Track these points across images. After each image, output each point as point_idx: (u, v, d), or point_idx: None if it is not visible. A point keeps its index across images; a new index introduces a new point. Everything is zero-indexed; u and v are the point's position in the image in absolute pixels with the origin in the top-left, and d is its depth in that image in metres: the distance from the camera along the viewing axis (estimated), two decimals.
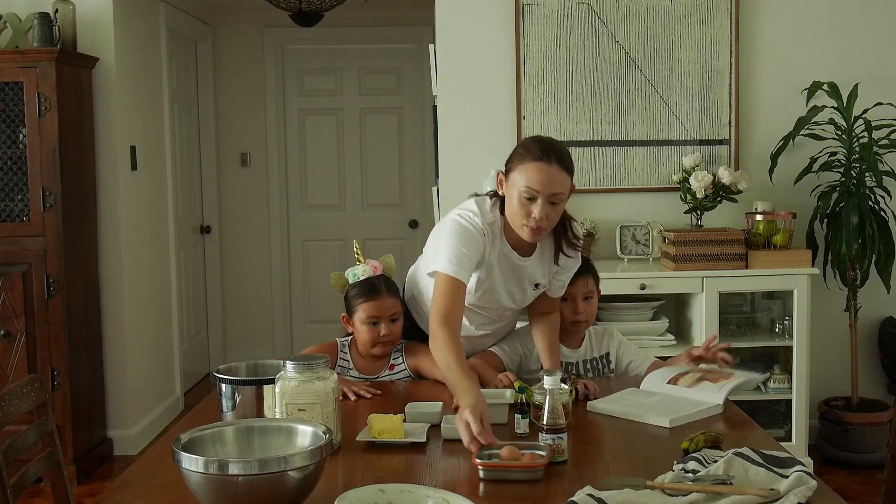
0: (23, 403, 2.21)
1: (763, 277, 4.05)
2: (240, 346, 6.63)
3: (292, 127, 6.64)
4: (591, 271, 2.85)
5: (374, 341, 2.67)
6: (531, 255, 2.61)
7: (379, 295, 2.67)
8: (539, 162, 2.40)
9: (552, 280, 2.70)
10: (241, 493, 1.64)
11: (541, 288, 2.69)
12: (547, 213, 2.42)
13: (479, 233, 2.51)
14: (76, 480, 4.22)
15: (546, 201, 2.41)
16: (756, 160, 4.40)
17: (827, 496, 1.82)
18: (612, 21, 4.37)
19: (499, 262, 2.58)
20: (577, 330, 2.81)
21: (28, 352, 4.19)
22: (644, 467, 1.98)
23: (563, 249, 2.62)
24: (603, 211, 4.42)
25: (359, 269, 2.73)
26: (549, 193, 2.41)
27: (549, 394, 2.06)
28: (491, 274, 2.59)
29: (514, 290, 2.66)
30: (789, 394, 4.10)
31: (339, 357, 2.73)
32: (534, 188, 2.40)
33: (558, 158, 2.42)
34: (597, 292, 2.85)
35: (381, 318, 2.67)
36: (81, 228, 4.41)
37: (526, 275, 2.63)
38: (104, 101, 4.60)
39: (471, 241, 2.50)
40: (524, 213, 2.43)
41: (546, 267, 2.66)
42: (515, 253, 2.58)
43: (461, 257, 2.47)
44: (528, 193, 2.40)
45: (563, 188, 2.44)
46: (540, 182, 2.40)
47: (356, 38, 6.53)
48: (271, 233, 6.64)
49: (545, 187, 2.40)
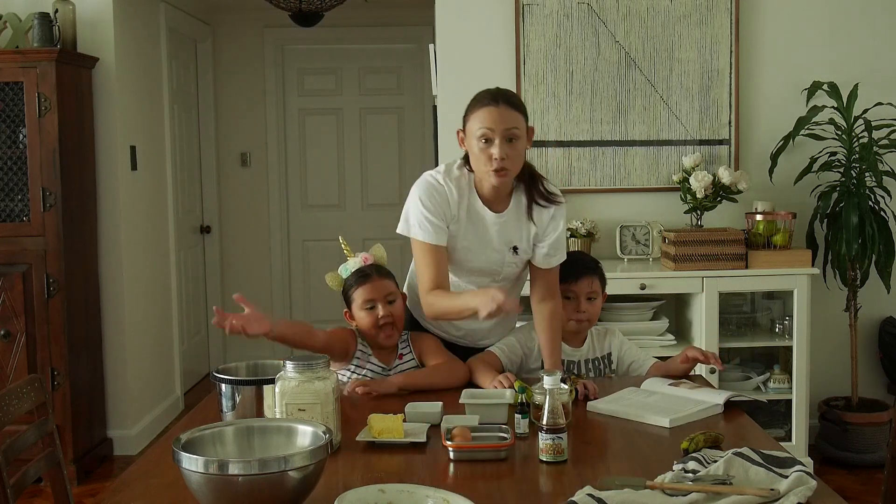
0: (23, 403, 2.21)
1: (763, 277, 4.05)
2: (240, 346, 6.62)
3: (292, 127, 6.64)
4: (597, 272, 2.85)
5: (374, 324, 2.67)
6: (504, 212, 2.65)
7: (370, 278, 2.70)
8: (489, 105, 2.53)
9: (535, 248, 2.70)
10: (241, 493, 1.64)
11: (520, 253, 2.69)
12: (506, 152, 2.51)
13: (444, 186, 2.62)
14: (76, 480, 4.22)
15: (503, 139, 2.51)
16: (756, 160, 4.40)
17: (827, 496, 1.82)
18: (612, 21, 4.37)
19: (470, 218, 2.64)
20: (578, 329, 2.81)
21: (28, 352, 4.19)
22: (644, 467, 1.98)
23: (536, 199, 2.66)
24: (603, 211, 4.42)
25: (350, 263, 2.76)
26: (503, 129, 2.51)
27: (549, 394, 2.06)
28: (466, 235, 2.64)
29: (490, 254, 2.68)
30: (789, 394, 4.10)
31: (358, 343, 2.73)
32: (488, 127, 2.51)
33: (506, 100, 2.54)
34: (602, 295, 2.85)
35: (376, 300, 2.67)
36: (81, 228, 4.41)
37: (501, 235, 2.66)
38: (104, 101, 4.60)
39: (435, 195, 2.61)
40: (486, 158, 2.53)
41: (522, 226, 2.67)
42: (487, 209, 2.64)
43: (430, 219, 2.60)
44: (484, 135, 2.51)
45: (517, 124, 2.53)
46: (492, 121, 2.51)
47: (356, 38, 6.53)
48: (271, 233, 6.64)
49: (498, 125, 2.50)
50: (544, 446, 2.02)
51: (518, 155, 2.55)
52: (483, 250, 2.67)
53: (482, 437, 2.11)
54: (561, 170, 4.42)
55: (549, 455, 2.02)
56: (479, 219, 2.65)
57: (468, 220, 2.64)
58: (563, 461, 2.02)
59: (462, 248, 2.66)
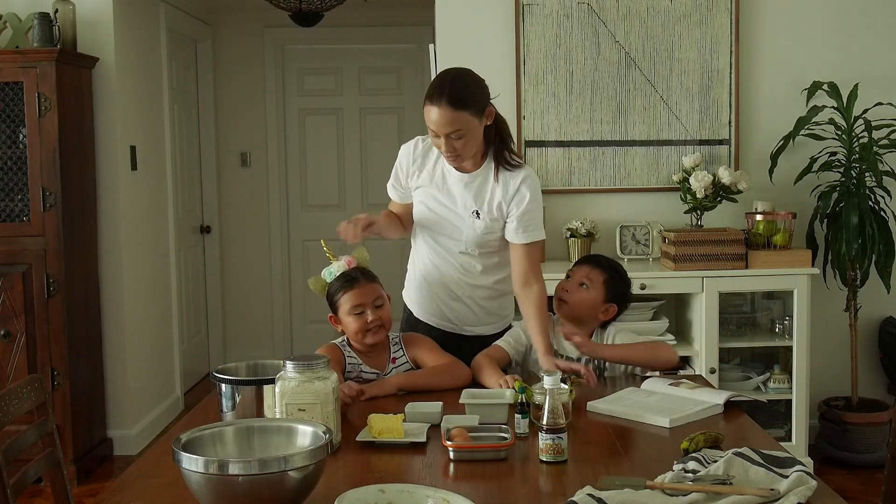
0: (23, 403, 2.21)
1: (763, 277, 4.05)
2: (240, 346, 6.63)
3: (292, 127, 6.64)
4: (604, 268, 2.83)
5: (362, 330, 2.65)
6: (473, 173, 2.74)
7: (358, 283, 2.67)
8: (430, 105, 2.56)
9: (506, 222, 2.74)
10: (241, 493, 1.64)
11: (482, 218, 2.73)
12: (452, 146, 2.59)
13: (406, 149, 2.82)
14: (76, 480, 4.22)
15: (447, 138, 2.57)
16: (756, 160, 4.40)
17: (827, 496, 1.82)
18: (612, 21, 4.37)
19: (432, 180, 2.77)
20: (558, 307, 2.82)
21: (28, 352, 4.19)
22: (644, 467, 1.98)
23: (501, 164, 2.72)
24: (603, 211, 4.42)
25: (334, 267, 2.72)
26: (445, 133, 2.56)
27: (549, 394, 2.06)
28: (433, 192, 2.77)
29: (451, 217, 2.76)
30: (789, 394, 4.10)
31: (346, 358, 2.72)
32: (431, 128, 2.58)
33: (450, 97, 2.54)
34: (601, 294, 2.79)
35: (364, 305, 2.65)
36: (81, 228, 4.41)
37: (464, 197, 2.74)
38: (104, 101, 4.60)
39: (398, 158, 2.84)
40: (435, 145, 2.66)
41: (488, 191, 2.72)
42: (455, 171, 2.74)
43: (393, 182, 2.87)
44: (432, 133, 2.60)
45: (460, 124, 2.55)
46: (434, 123, 2.56)
47: (356, 38, 6.53)
48: (271, 233, 6.64)
49: (439, 128, 2.56)
50: (544, 446, 2.02)
51: (467, 143, 2.61)
52: (448, 210, 2.77)
53: (482, 437, 2.12)
54: (561, 170, 4.42)
55: (549, 455, 2.02)
56: (444, 179, 2.76)
57: (431, 181, 2.77)
58: (563, 461, 2.02)
59: (428, 209, 2.79)
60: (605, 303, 2.82)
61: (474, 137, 2.63)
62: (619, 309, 2.86)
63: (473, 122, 2.59)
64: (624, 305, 2.87)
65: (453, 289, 2.87)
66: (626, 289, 2.87)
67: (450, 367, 2.70)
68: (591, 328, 2.85)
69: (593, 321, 2.84)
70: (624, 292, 2.86)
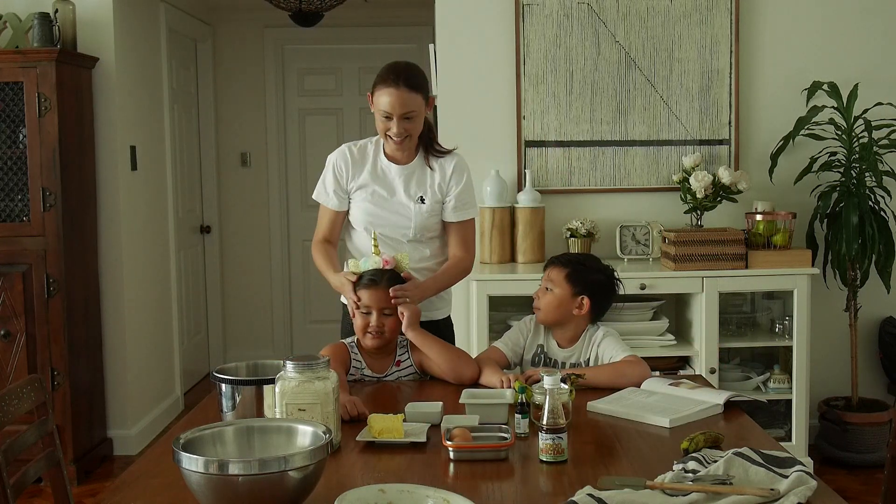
0: (23, 403, 2.21)
1: (763, 277, 4.05)
2: (240, 346, 6.63)
3: (292, 127, 6.64)
4: (564, 265, 2.80)
5: (363, 329, 2.69)
6: (408, 164, 2.96)
7: (377, 286, 2.69)
8: (389, 87, 2.81)
9: (445, 203, 2.96)
10: (241, 493, 1.64)
11: (427, 202, 2.94)
12: (404, 128, 2.83)
13: (340, 155, 2.98)
14: (76, 480, 4.22)
15: (400, 119, 2.82)
16: (756, 160, 4.40)
17: (827, 496, 1.82)
18: (612, 21, 4.37)
19: (376, 175, 2.95)
20: (537, 316, 2.82)
21: (28, 352, 4.19)
22: (644, 467, 1.98)
23: (431, 153, 2.98)
24: (603, 211, 4.42)
25: (371, 260, 2.76)
26: (400, 114, 2.81)
27: (549, 394, 2.06)
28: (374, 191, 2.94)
29: (398, 207, 2.94)
30: (789, 394, 4.10)
31: (351, 359, 2.74)
32: (387, 111, 2.81)
33: (406, 81, 2.81)
34: (566, 290, 2.75)
35: (372, 308, 2.68)
36: (81, 228, 4.41)
37: (407, 186, 2.94)
38: (104, 101, 4.60)
39: (329, 166, 2.99)
40: (384, 128, 2.86)
41: (427, 177, 2.95)
42: (393, 165, 2.95)
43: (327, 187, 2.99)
44: (384, 114, 2.82)
45: (415, 106, 2.83)
46: (391, 105, 2.80)
47: (356, 38, 6.53)
48: (271, 233, 6.64)
49: (396, 109, 2.81)
50: (544, 446, 2.02)
51: (416, 126, 2.87)
52: (393, 202, 2.94)
53: (482, 437, 2.12)
54: (561, 170, 4.42)
55: (549, 455, 2.02)
56: (385, 174, 2.96)
57: (373, 177, 2.95)
58: (563, 461, 2.02)
59: (372, 204, 2.94)
60: (575, 297, 2.76)
61: (420, 121, 2.88)
62: (596, 299, 2.77)
63: (422, 106, 2.86)
64: (599, 294, 2.79)
65: None
66: (593, 276, 2.79)
67: (462, 355, 2.75)
68: (577, 329, 2.81)
69: (572, 320, 2.78)
70: (592, 280, 2.78)
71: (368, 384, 2.72)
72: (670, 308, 4.35)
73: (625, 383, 2.60)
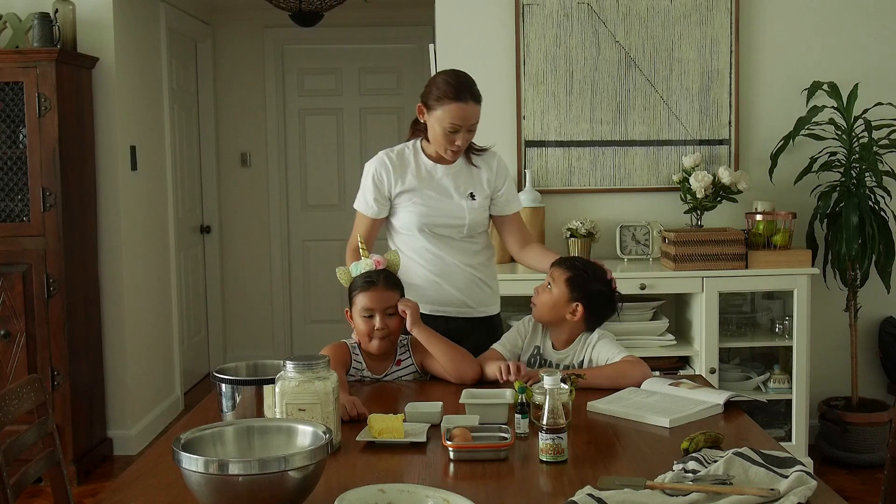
0: (23, 403, 2.21)
1: (763, 277, 4.05)
2: (240, 346, 6.63)
3: (292, 127, 6.64)
4: (565, 265, 2.79)
5: (368, 333, 2.68)
6: (452, 164, 3.00)
7: (374, 287, 2.68)
8: (459, 102, 2.85)
9: (495, 198, 3.03)
10: (241, 493, 1.64)
11: (477, 198, 2.98)
12: (466, 139, 2.91)
13: (379, 163, 2.98)
14: (76, 480, 4.22)
15: (466, 131, 2.89)
16: (756, 160, 4.40)
17: (827, 496, 1.82)
18: (612, 21, 4.37)
19: (422, 178, 2.97)
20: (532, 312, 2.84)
21: (28, 352, 4.19)
22: (644, 467, 1.98)
23: (471, 151, 3.02)
24: (603, 211, 4.42)
25: (362, 264, 2.74)
26: (468, 126, 2.89)
27: (549, 394, 2.06)
28: (424, 192, 2.95)
29: (451, 205, 2.96)
30: (789, 394, 4.10)
31: (352, 359, 2.73)
32: (457, 124, 2.86)
33: (473, 96, 2.88)
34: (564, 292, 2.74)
35: (375, 311, 2.67)
36: (81, 228, 4.41)
37: (456, 184, 2.97)
38: (104, 101, 4.60)
39: (368, 176, 3.00)
40: (449, 142, 2.89)
41: (472, 175, 3.00)
42: (438, 165, 2.98)
43: (364, 193, 3.01)
44: (452, 129, 2.86)
45: (478, 118, 2.91)
46: (462, 118, 2.86)
47: (356, 38, 6.53)
48: (271, 233, 6.64)
49: (465, 122, 2.87)
50: (544, 446, 2.02)
51: (473, 135, 2.95)
52: (445, 201, 2.96)
53: (482, 437, 2.12)
54: (561, 170, 4.42)
55: (549, 455, 2.02)
56: (431, 175, 2.98)
57: (420, 180, 2.96)
58: (563, 461, 2.02)
59: (425, 206, 2.95)
60: (570, 302, 2.74)
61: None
62: (592, 309, 2.75)
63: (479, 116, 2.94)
64: (595, 305, 2.76)
65: (459, 274, 2.99)
66: (594, 286, 2.76)
67: (465, 353, 2.73)
68: (572, 333, 2.79)
69: (565, 323, 2.77)
70: (591, 289, 2.75)
71: (368, 384, 2.72)
72: (670, 308, 4.35)
73: (626, 384, 2.59)
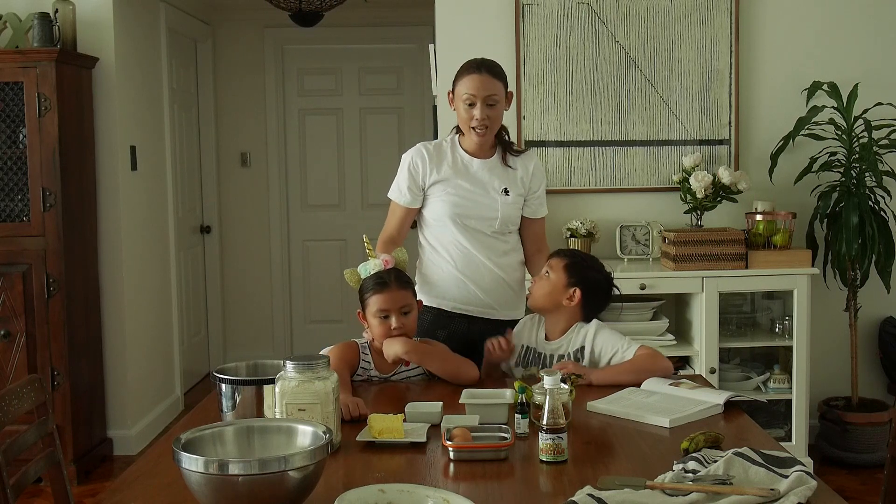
0: (23, 403, 2.21)
1: (763, 277, 4.05)
2: (240, 346, 6.63)
3: (292, 127, 6.64)
4: (562, 254, 2.86)
5: (386, 335, 2.67)
6: (489, 159, 3.04)
7: (388, 287, 2.67)
8: (472, 73, 2.94)
9: (528, 199, 3.06)
10: (241, 493, 1.64)
11: (511, 195, 3.01)
12: (487, 114, 2.93)
13: (416, 153, 3.05)
14: (76, 480, 4.22)
15: (484, 104, 2.92)
16: (756, 160, 4.40)
17: (827, 496, 1.82)
18: (612, 21, 4.37)
19: (458, 170, 3.02)
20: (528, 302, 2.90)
21: (28, 352, 4.19)
22: (644, 467, 1.98)
23: (508, 150, 3.07)
24: (603, 211, 4.42)
25: (370, 264, 2.73)
26: (484, 97, 2.92)
27: (549, 394, 2.06)
28: (458, 184, 3.00)
29: (485, 198, 3.00)
30: (789, 394, 4.10)
31: (360, 359, 2.73)
32: (472, 93, 2.92)
33: (488, 69, 2.95)
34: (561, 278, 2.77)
35: (390, 311, 2.66)
36: (81, 228, 4.41)
37: (491, 178, 3.01)
38: (104, 101, 4.60)
39: (404, 165, 3.08)
40: (469, 117, 2.95)
41: (508, 172, 3.03)
42: (474, 159, 3.03)
43: (398, 181, 3.08)
44: (468, 100, 2.93)
45: (496, 91, 2.94)
46: (476, 88, 2.92)
47: (356, 38, 6.53)
48: (271, 233, 6.64)
49: (480, 91, 2.92)
50: (544, 446, 2.02)
51: (497, 116, 2.97)
52: (478, 194, 2.99)
53: (482, 437, 2.12)
54: (561, 170, 4.42)
55: (549, 455, 2.02)
56: (467, 167, 3.03)
57: (455, 171, 3.01)
58: (563, 461, 2.02)
59: (458, 196, 2.98)
60: (568, 287, 2.77)
61: (500, 112, 2.98)
62: (589, 295, 2.77)
63: (503, 95, 2.97)
64: (592, 291, 2.79)
65: (486, 274, 3.01)
66: (591, 273, 2.80)
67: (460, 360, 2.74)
68: (567, 322, 2.79)
69: (562, 310, 2.78)
70: (588, 275, 2.79)
71: (376, 384, 2.72)
72: (670, 308, 4.35)
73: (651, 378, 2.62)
